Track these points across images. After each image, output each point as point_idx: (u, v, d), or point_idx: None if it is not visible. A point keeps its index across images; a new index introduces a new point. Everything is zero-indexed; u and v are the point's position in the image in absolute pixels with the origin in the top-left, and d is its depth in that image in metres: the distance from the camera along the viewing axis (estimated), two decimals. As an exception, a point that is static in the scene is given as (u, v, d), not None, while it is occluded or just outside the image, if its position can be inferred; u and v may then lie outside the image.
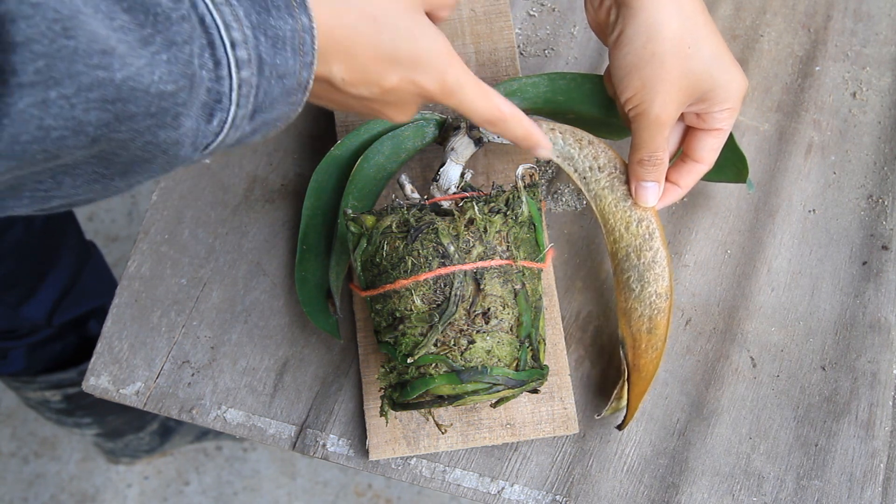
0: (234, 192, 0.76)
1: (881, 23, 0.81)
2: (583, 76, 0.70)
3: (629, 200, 0.66)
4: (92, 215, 1.60)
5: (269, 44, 0.45)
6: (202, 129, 0.44)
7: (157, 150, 0.43)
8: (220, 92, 0.43)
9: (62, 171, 0.41)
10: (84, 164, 0.41)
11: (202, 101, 0.43)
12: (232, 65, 0.43)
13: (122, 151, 0.41)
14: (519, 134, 0.59)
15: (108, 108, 0.38)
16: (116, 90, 0.38)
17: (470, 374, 0.58)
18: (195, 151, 0.45)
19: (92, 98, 0.38)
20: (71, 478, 1.48)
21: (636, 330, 0.66)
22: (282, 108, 0.48)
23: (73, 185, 0.42)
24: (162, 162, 0.44)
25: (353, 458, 0.70)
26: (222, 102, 0.44)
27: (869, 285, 0.73)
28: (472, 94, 0.56)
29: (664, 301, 0.65)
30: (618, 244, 0.67)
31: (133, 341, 0.73)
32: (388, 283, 0.59)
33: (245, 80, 0.44)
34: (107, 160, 0.42)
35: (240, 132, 0.47)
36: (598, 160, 0.68)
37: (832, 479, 0.68)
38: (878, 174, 0.76)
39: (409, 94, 0.54)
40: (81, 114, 0.38)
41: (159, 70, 0.40)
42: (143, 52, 0.39)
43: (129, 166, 0.43)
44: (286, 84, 0.47)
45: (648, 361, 0.66)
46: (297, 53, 0.47)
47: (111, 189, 0.44)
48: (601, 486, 0.68)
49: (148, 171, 0.44)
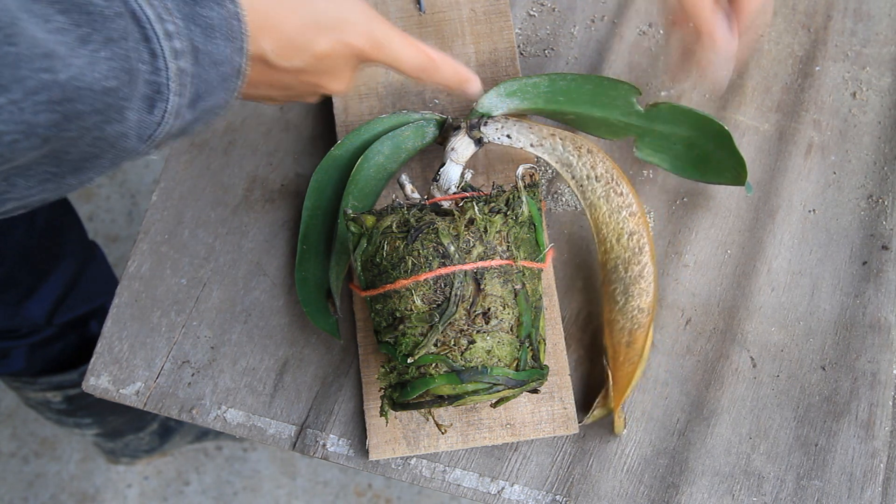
0: (234, 192, 0.76)
1: (881, 23, 0.81)
2: (583, 77, 0.70)
3: (623, 212, 0.67)
4: (92, 215, 1.60)
5: (201, 33, 0.47)
6: (145, 120, 0.45)
7: (106, 145, 0.44)
8: (158, 83, 0.45)
9: (15, 174, 0.42)
10: (36, 165, 0.42)
11: (142, 94, 0.44)
12: (168, 56, 0.45)
13: (72, 149, 0.43)
14: (450, 76, 0.62)
15: (56, 108, 0.40)
16: (62, 90, 0.40)
17: (470, 374, 0.58)
18: (141, 143, 0.46)
19: (40, 100, 0.39)
20: (71, 478, 1.48)
21: (616, 342, 0.67)
22: (220, 94, 0.50)
23: (27, 186, 0.43)
24: (111, 156, 0.45)
25: (353, 458, 0.70)
26: (162, 93, 0.45)
27: (869, 285, 0.73)
28: (401, 44, 0.58)
29: (646, 317, 0.66)
30: (608, 255, 0.67)
31: (133, 341, 0.73)
32: (389, 283, 0.59)
33: (182, 70, 0.46)
34: (58, 159, 0.43)
35: (182, 121, 0.48)
36: (595, 169, 0.68)
37: (832, 479, 0.68)
38: (878, 174, 0.76)
39: (341, 57, 0.56)
40: (31, 116, 0.39)
41: (100, 67, 0.41)
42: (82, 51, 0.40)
43: (79, 163, 0.44)
44: (222, 70, 0.49)
45: (624, 375, 0.66)
46: (228, 39, 0.49)
47: (63, 187, 0.45)
48: (601, 486, 0.68)
49: (98, 167, 0.45)
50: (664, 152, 0.71)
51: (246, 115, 0.78)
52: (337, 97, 0.75)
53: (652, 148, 0.71)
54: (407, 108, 0.75)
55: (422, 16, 0.78)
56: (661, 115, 0.70)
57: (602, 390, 0.68)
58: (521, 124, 0.69)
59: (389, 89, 0.76)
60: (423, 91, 0.76)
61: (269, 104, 0.61)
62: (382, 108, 0.75)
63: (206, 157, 0.77)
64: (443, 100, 0.76)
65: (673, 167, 0.72)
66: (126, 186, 1.62)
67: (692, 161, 0.71)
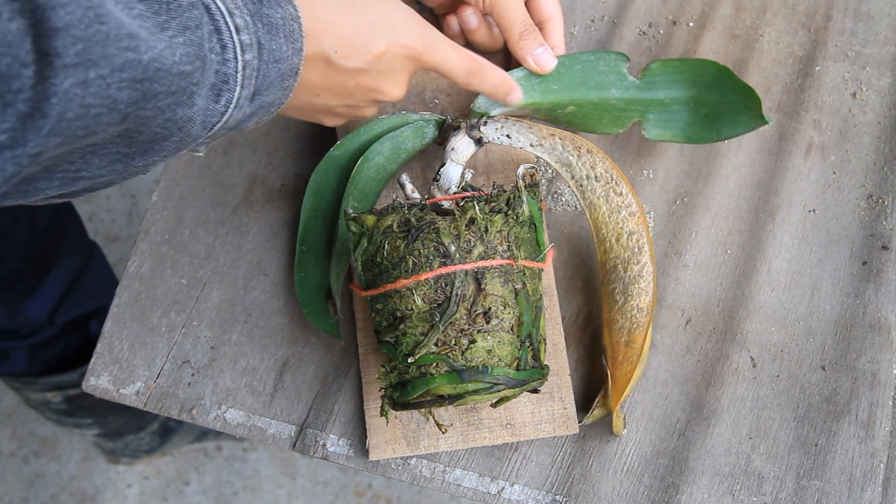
0: (234, 192, 0.76)
1: (881, 23, 0.81)
2: (570, 57, 0.70)
3: (622, 212, 0.67)
4: (92, 215, 1.60)
5: (265, 30, 0.50)
6: (211, 108, 0.48)
7: (174, 128, 0.47)
8: (226, 73, 0.48)
9: (91, 151, 0.45)
10: (110, 144, 0.45)
11: (211, 82, 0.48)
12: (237, 48, 0.48)
13: (144, 129, 0.46)
14: (496, 81, 0.66)
15: (136, 86, 0.43)
16: (144, 70, 0.42)
17: (471, 374, 0.58)
18: (204, 130, 0.49)
19: (124, 78, 0.42)
20: (71, 478, 1.48)
21: (615, 341, 0.67)
22: (276, 91, 0.53)
23: (99, 165, 0.46)
24: (176, 140, 0.48)
25: (353, 458, 0.70)
26: (229, 83, 0.49)
27: (869, 285, 0.73)
28: (449, 47, 0.62)
29: (645, 316, 0.66)
30: (607, 254, 0.67)
31: (133, 341, 0.73)
32: (389, 283, 0.59)
33: (248, 63, 0.49)
34: (130, 139, 0.46)
35: (241, 113, 0.51)
36: (595, 169, 0.68)
37: (832, 479, 0.68)
38: (878, 174, 0.76)
39: (397, 58, 0.59)
40: (115, 92, 0.42)
41: (177, 52, 0.44)
42: (161, 36, 0.43)
43: (148, 144, 0.47)
44: (281, 68, 0.52)
45: (623, 374, 0.66)
46: (288, 40, 0.52)
47: (130, 169, 0.48)
48: (601, 486, 0.68)
49: (164, 150, 0.48)
50: (672, 124, 0.70)
51: (246, 115, 0.78)
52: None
53: (659, 125, 0.71)
54: (406, 109, 0.75)
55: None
56: (657, 80, 0.70)
57: (602, 390, 0.68)
58: (520, 124, 0.69)
59: (389, 89, 0.76)
60: (423, 91, 0.76)
61: (329, 122, 0.64)
62: (383, 108, 0.75)
63: (206, 157, 0.78)
64: (442, 100, 0.76)
65: (686, 136, 0.70)
66: (126, 186, 1.62)
67: (703, 122, 0.70)
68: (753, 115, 0.68)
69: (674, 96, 0.70)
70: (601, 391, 0.68)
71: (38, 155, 0.41)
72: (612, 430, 0.68)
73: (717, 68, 0.69)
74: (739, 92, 0.68)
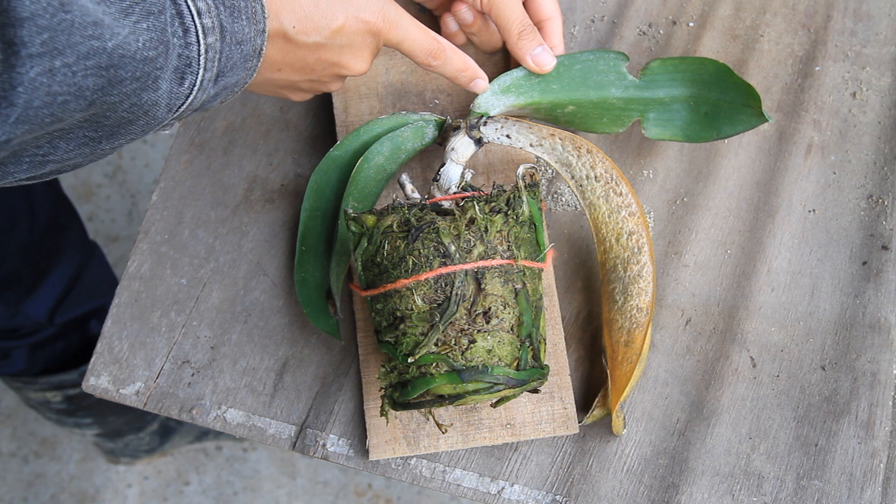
0: (234, 192, 0.76)
1: (881, 23, 0.81)
2: (570, 56, 0.70)
3: (622, 212, 0.67)
4: (92, 215, 1.60)
5: (227, 13, 0.51)
6: (175, 91, 0.49)
7: (140, 112, 0.48)
8: (189, 57, 0.49)
9: (58, 136, 0.46)
10: (77, 129, 0.46)
11: (174, 66, 0.48)
12: (199, 32, 0.49)
13: (110, 114, 0.46)
14: (458, 66, 0.66)
15: (102, 73, 0.43)
16: (108, 57, 0.43)
17: (471, 374, 0.58)
18: (169, 112, 0.50)
19: (89, 65, 0.42)
20: (71, 478, 1.48)
21: (615, 341, 0.67)
22: (240, 72, 0.54)
23: (67, 150, 0.47)
24: (143, 123, 0.49)
25: (353, 458, 0.70)
26: (192, 67, 0.49)
27: (869, 285, 0.73)
28: (412, 25, 0.62)
29: (644, 316, 0.66)
30: (607, 254, 0.67)
31: (133, 341, 0.73)
32: (389, 283, 0.59)
33: (211, 46, 0.50)
34: (97, 123, 0.46)
35: (205, 94, 0.52)
36: (595, 169, 0.68)
37: (832, 479, 0.68)
38: (878, 174, 0.76)
39: (357, 32, 0.59)
40: (81, 80, 0.42)
41: (142, 38, 0.45)
42: (125, 21, 0.44)
43: (115, 128, 0.48)
44: (244, 50, 0.53)
45: (622, 374, 0.66)
46: (251, 21, 0.53)
47: (97, 152, 0.49)
48: (601, 486, 0.68)
49: (130, 133, 0.49)
50: (672, 123, 0.70)
51: (246, 115, 0.78)
52: (337, 97, 0.75)
53: (659, 124, 0.70)
54: (406, 109, 0.75)
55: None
56: (657, 79, 0.70)
57: (602, 390, 0.68)
58: (520, 124, 0.69)
59: (389, 89, 0.76)
60: (423, 91, 0.76)
61: (294, 97, 0.65)
62: (382, 108, 0.75)
63: (206, 157, 0.78)
64: (443, 100, 0.76)
65: (687, 135, 0.70)
66: (126, 186, 1.62)
67: (703, 121, 0.70)
68: (753, 113, 0.68)
69: (674, 95, 0.70)
70: (601, 391, 0.68)
71: (6, 142, 0.42)
72: (611, 430, 0.68)
73: (716, 66, 0.69)
74: (739, 90, 0.68)
